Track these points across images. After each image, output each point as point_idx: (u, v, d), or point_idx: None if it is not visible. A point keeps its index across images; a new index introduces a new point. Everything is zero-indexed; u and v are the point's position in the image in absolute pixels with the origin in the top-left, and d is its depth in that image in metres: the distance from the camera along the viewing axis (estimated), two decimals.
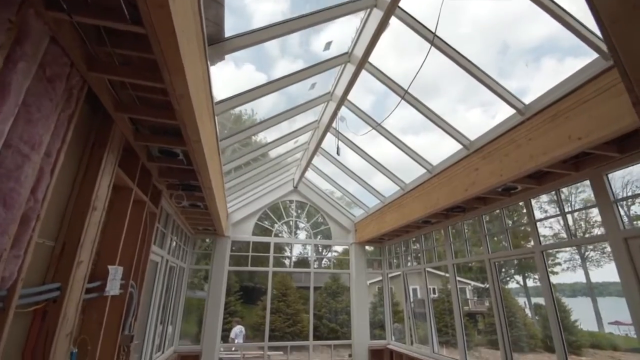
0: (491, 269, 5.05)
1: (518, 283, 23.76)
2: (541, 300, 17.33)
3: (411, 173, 6.14)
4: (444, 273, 13.82)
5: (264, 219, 9.14)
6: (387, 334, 8.27)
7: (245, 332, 9.94)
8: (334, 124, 5.30)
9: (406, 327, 7.52)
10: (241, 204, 8.47)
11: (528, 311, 19.71)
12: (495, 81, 3.73)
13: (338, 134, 5.67)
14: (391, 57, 4.82)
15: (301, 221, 9.41)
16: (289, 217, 9.21)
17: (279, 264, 10.65)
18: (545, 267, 4.20)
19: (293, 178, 8.96)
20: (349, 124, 5.67)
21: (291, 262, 10.28)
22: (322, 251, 18.16)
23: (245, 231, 8.49)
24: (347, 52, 4.14)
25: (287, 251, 10.59)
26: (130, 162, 2.98)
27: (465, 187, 4.55)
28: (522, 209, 4.88)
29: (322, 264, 18.81)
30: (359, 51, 3.75)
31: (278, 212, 9.25)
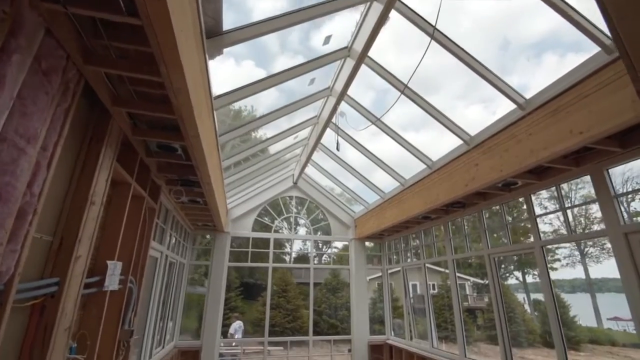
0: (491, 264, 5.05)
1: (517, 279, 23.90)
2: (540, 296, 17.43)
3: (411, 169, 6.13)
4: (444, 269, 13.86)
5: (264, 215, 9.13)
6: (386, 329, 8.30)
7: (245, 327, 9.98)
8: (333, 119, 5.27)
9: (406, 323, 7.54)
10: (241, 200, 8.46)
11: (527, 307, 19.83)
12: (496, 75, 3.70)
13: (338, 129, 5.65)
14: (391, 53, 4.78)
15: (301, 217, 9.40)
16: (288, 213, 9.20)
17: (279, 260, 10.66)
18: (545, 262, 4.21)
19: (293, 174, 8.94)
20: (348, 119, 5.65)
21: (291, 258, 10.33)
22: (322, 247, 18.23)
23: (245, 227, 8.49)
24: (346, 46, 4.10)
25: (287, 247, 10.59)
26: (128, 157, 2.96)
27: (465, 183, 4.54)
28: (522, 205, 4.87)
29: (322, 260, 18.90)
30: (359, 45, 3.71)
31: (278, 208, 9.24)
